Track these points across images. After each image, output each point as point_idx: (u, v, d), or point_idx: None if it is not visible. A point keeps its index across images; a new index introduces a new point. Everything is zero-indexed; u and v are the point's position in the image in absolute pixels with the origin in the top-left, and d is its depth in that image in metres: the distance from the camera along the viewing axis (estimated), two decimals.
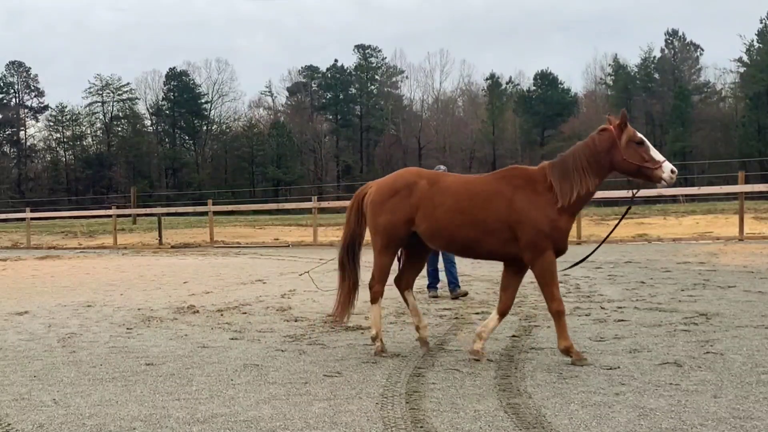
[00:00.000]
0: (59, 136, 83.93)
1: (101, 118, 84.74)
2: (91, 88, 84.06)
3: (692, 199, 33.45)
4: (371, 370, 6.38)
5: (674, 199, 28.70)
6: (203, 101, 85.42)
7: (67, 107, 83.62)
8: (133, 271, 16.67)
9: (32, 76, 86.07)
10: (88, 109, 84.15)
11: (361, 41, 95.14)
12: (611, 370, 6.14)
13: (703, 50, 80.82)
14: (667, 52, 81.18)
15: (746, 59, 74.35)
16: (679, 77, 79.18)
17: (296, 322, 9.01)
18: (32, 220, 32.63)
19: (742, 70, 75.17)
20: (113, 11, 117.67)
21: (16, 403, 5.59)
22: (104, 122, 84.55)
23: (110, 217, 31.98)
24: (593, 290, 10.99)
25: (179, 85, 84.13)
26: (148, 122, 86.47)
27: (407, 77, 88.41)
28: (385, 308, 9.84)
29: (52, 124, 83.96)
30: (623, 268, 13.99)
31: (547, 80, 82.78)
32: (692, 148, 71.16)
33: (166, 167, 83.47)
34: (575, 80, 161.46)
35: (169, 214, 39.73)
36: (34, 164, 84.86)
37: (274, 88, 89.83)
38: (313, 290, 11.37)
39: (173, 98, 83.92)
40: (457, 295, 10.82)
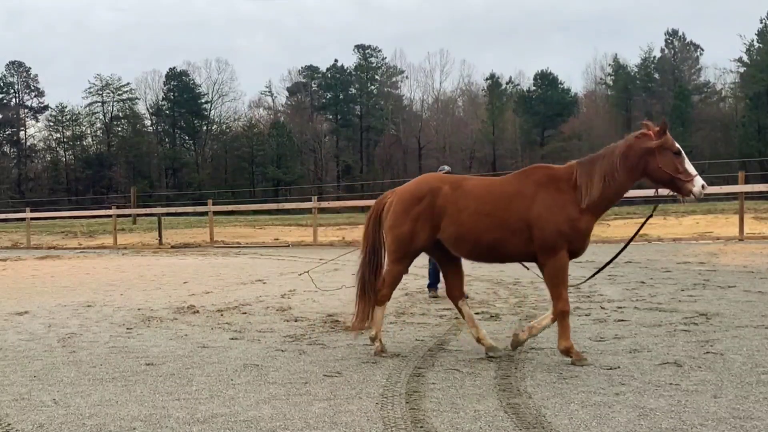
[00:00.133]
0: (59, 136, 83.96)
1: (101, 118, 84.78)
2: (91, 88, 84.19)
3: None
4: (371, 370, 6.38)
5: (674, 199, 28.68)
6: (203, 101, 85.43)
7: (67, 107, 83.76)
8: (133, 271, 16.67)
9: (32, 76, 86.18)
10: (88, 109, 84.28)
11: (361, 41, 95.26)
12: (611, 370, 6.14)
13: (703, 50, 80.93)
14: (667, 52, 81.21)
15: (746, 59, 74.38)
16: (679, 77, 79.20)
17: (296, 322, 9.01)
18: (32, 220, 32.64)
19: (742, 70, 75.19)
20: (113, 11, 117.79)
21: (16, 403, 5.59)
22: (104, 122, 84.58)
23: (110, 217, 31.99)
24: (593, 290, 10.98)
25: (179, 85, 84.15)
26: (148, 122, 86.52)
27: (407, 77, 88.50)
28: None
29: (52, 124, 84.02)
30: (623, 268, 13.97)
31: (547, 80, 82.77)
32: (692, 148, 71.00)
33: (166, 167, 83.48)
34: (575, 80, 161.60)
35: (169, 214, 39.75)
36: (34, 164, 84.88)
37: (274, 88, 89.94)
38: (313, 290, 11.37)
39: (173, 98, 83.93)
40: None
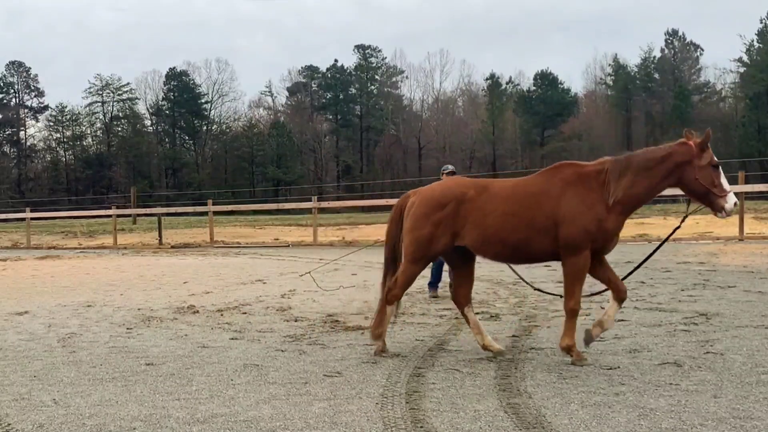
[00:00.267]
0: (59, 136, 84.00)
1: (101, 118, 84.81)
2: (91, 88, 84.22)
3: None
4: (371, 370, 6.38)
5: (674, 199, 28.67)
6: (203, 101, 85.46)
7: (67, 107, 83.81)
8: (133, 271, 16.67)
9: (32, 76, 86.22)
10: (88, 109, 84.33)
11: (361, 41, 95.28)
12: (611, 370, 6.14)
13: (703, 50, 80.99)
14: (667, 52, 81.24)
15: (746, 59, 74.40)
16: (679, 77, 79.23)
17: (296, 322, 9.01)
18: (32, 220, 32.64)
19: (742, 70, 75.22)
20: (113, 11, 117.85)
21: (16, 403, 5.59)
22: (104, 122, 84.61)
23: (110, 217, 31.98)
24: (592, 290, 10.95)
25: (179, 85, 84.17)
26: (148, 122, 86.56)
27: (407, 77, 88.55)
28: None
29: (52, 124, 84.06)
30: (623, 268, 13.91)
31: (547, 80, 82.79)
32: None
33: (166, 167, 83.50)
34: (575, 80, 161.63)
35: (169, 214, 39.72)
36: (34, 164, 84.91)
37: (274, 88, 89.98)
38: (313, 290, 11.37)
39: (173, 98, 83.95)
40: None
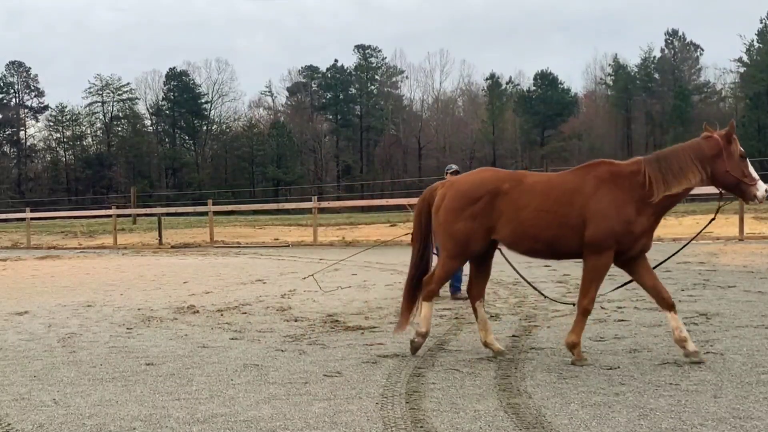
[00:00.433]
0: (59, 136, 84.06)
1: (101, 118, 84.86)
2: (91, 88, 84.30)
3: (692, 199, 33.42)
4: (371, 370, 6.37)
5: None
6: (203, 101, 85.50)
7: (67, 107, 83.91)
8: (133, 271, 16.67)
9: (32, 76, 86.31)
10: (88, 109, 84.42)
11: (361, 41, 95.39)
12: (611, 370, 6.14)
13: (703, 50, 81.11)
14: (667, 52, 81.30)
15: (746, 59, 74.49)
16: (679, 77, 79.28)
17: (296, 322, 9.00)
18: (32, 220, 32.64)
19: (742, 70, 75.31)
20: (113, 11, 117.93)
21: (16, 403, 5.59)
22: (104, 122, 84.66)
23: (110, 217, 31.98)
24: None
25: (179, 85, 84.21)
26: (148, 122, 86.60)
27: (407, 77, 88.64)
28: (385, 308, 9.86)
29: (52, 124, 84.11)
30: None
31: (547, 80, 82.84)
32: None
33: (166, 167, 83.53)
34: (575, 80, 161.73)
35: (169, 214, 39.75)
36: (34, 164, 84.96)
37: (274, 88, 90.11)
38: (313, 290, 11.38)
39: (173, 98, 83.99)
40: (457, 297, 10.83)
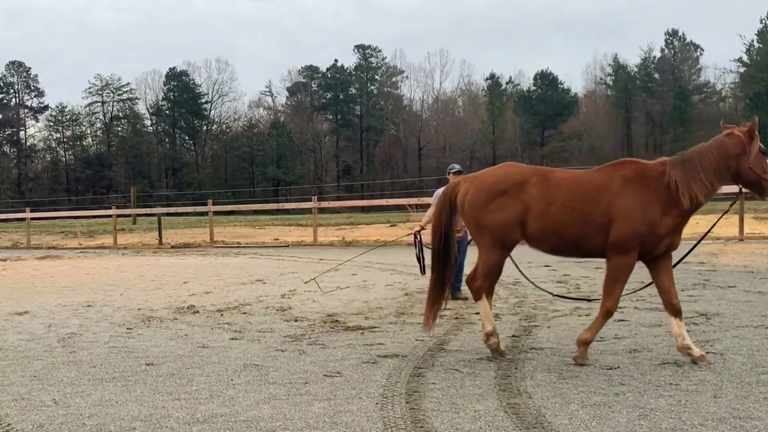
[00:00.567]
0: (59, 136, 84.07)
1: (101, 118, 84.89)
2: (91, 88, 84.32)
3: None
4: (371, 370, 6.37)
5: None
6: (203, 101, 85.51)
7: (67, 107, 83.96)
8: (133, 271, 16.67)
9: (32, 76, 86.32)
10: (88, 109, 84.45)
11: (361, 41, 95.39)
12: (611, 370, 6.14)
13: (703, 50, 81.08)
14: (667, 52, 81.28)
15: (746, 59, 74.47)
16: (679, 77, 79.26)
17: (296, 322, 9.00)
18: (32, 220, 32.63)
19: (742, 70, 75.28)
20: (113, 11, 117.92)
21: (16, 403, 5.59)
22: (104, 122, 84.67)
23: (110, 217, 31.97)
24: (593, 290, 10.97)
25: (179, 85, 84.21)
26: (148, 122, 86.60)
27: (407, 77, 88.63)
28: (384, 308, 9.85)
29: (52, 124, 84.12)
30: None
31: (547, 80, 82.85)
32: None
33: (166, 167, 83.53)
34: (575, 80, 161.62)
35: (169, 214, 39.74)
36: (34, 164, 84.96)
37: (274, 88, 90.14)
38: (313, 290, 11.38)
39: (173, 98, 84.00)
40: (458, 297, 10.82)
